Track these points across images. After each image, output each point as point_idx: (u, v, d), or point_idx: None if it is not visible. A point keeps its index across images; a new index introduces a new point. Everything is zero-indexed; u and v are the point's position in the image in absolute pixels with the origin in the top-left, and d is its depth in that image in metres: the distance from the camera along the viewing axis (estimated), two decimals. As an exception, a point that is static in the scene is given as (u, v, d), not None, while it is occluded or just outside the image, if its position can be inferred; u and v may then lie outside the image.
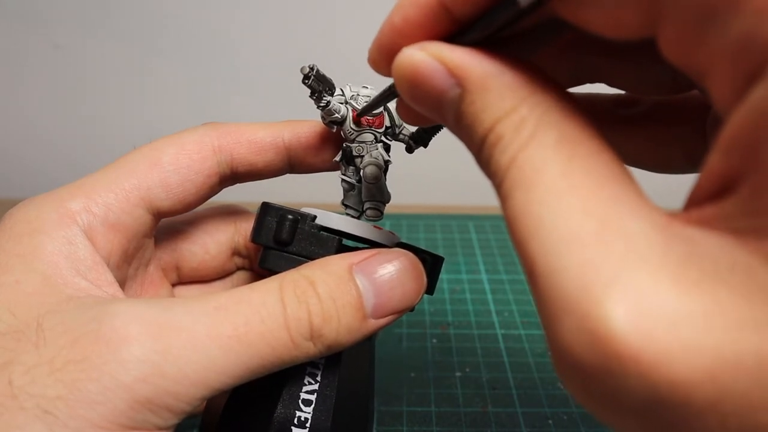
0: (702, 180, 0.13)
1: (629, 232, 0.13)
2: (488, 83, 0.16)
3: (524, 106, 0.15)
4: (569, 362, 0.13)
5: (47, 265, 0.21)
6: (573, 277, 0.13)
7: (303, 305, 0.21)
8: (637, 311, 0.12)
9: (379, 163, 0.27)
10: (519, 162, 0.15)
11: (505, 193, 0.15)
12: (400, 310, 0.24)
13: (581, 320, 0.12)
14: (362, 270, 0.23)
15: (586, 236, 0.13)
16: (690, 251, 0.12)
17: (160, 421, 0.19)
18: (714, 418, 0.11)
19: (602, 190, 0.14)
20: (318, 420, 0.24)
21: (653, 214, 0.13)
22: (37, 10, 0.64)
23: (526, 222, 0.14)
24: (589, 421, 0.35)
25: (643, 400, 0.12)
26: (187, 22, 0.64)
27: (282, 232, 0.25)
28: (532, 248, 0.14)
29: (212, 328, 0.20)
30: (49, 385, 0.18)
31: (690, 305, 0.12)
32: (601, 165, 0.14)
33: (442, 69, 0.16)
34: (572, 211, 0.13)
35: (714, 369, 0.11)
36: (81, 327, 0.19)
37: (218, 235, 0.30)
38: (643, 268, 0.12)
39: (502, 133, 0.15)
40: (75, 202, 0.23)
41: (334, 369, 0.25)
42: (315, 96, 0.25)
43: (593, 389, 0.13)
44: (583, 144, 0.15)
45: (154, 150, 0.26)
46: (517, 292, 0.49)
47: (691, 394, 0.11)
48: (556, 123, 0.15)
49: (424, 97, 0.17)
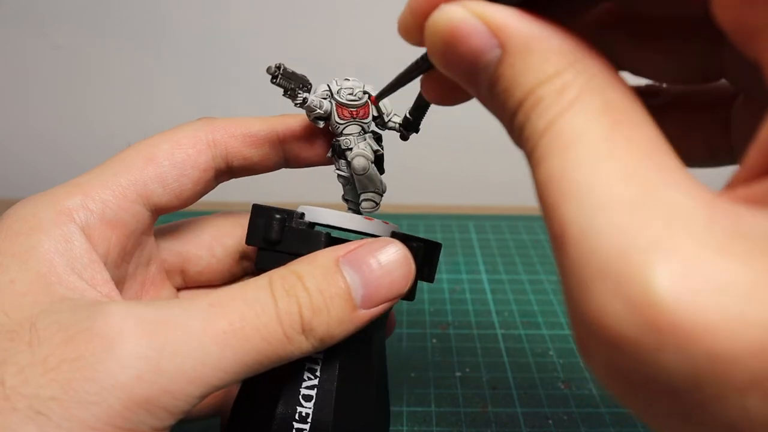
0: (751, 155, 0.12)
1: (674, 202, 0.12)
2: (532, 45, 0.15)
3: (569, 71, 0.14)
4: (598, 333, 0.12)
5: (42, 263, 0.21)
6: (611, 241, 0.12)
7: (293, 299, 0.21)
8: (680, 278, 0.11)
9: (366, 154, 0.27)
10: (559, 125, 0.14)
11: (539, 157, 0.14)
12: (390, 299, 0.23)
13: (617, 285, 0.11)
14: (348, 261, 0.23)
15: (627, 201, 0.12)
16: (737, 225, 0.11)
17: (156, 421, 0.19)
18: (756, 396, 0.10)
19: (647, 158, 0.13)
20: (319, 414, 0.25)
21: (698, 188, 0.12)
22: (37, 11, 0.64)
23: (560, 185, 0.13)
24: (590, 421, 0.35)
25: (678, 377, 0.11)
26: (187, 22, 0.64)
27: (271, 232, 0.25)
28: (566, 211, 0.13)
29: (208, 324, 0.20)
30: (43, 386, 0.18)
31: (737, 276, 0.11)
32: (645, 135, 0.14)
33: (483, 28, 0.15)
34: (614, 175, 0.13)
35: (763, 342, 0.10)
36: (75, 325, 0.19)
37: (225, 239, 0.30)
38: (689, 236, 0.11)
39: (543, 97, 0.14)
40: (72, 199, 0.23)
41: (334, 363, 0.25)
42: (288, 94, 0.25)
43: (622, 363, 0.12)
44: (629, 113, 0.14)
45: (149, 146, 0.26)
46: (517, 292, 0.49)
47: (733, 369, 0.10)
48: (602, 90, 0.14)
49: (458, 59, 0.16)
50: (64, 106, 0.69)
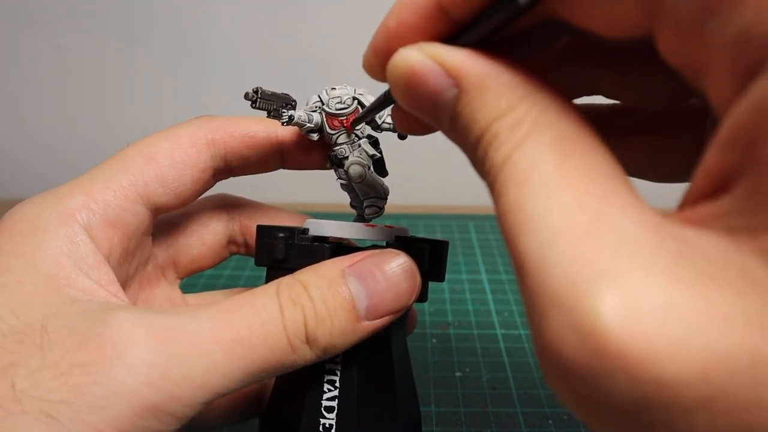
0: (697, 179, 0.13)
1: (621, 229, 0.13)
2: (485, 83, 0.16)
3: (521, 106, 0.15)
4: (554, 359, 0.12)
5: (49, 264, 0.21)
6: (562, 271, 0.12)
7: (298, 308, 0.21)
8: (625, 306, 0.11)
9: (362, 161, 0.27)
10: (514, 159, 0.14)
11: (499, 191, 0.15)
12: (394, 311, 0.23)
13: (568, 314, 0.12)
14: (354, 272, 0.23)
15: (577, 231, 0.13)
16: (682, 249, 0.12)
17: (162, 426, 0.19)
18: (702, 417, 0.11)
19: (596, 187, 0.13)
20: (342, 425, 0.25)
21: (646, 213, 0.13)
22: (37, 10, 0.64)
23: (517, 217, 0.14)
24: (590, 421, 0.35)
25: (628, 400, 0.11)
26: (188, 23, 0.64)
27: (275, 251, 0.25)
28: (523, 243, 0.13)
29: (216, 332, 0.20)
30: (54, 389, 0.18)
31: (681, 302, 0.11)
32: (595, 164, 0.14)
33: (438, 69, 0.16)
34: (564, 206, 0.13)
35: (705, 367, 0.11)
36: (86, 330, 0.19)
37: (213, 225, 0.30)
38: (634, 263, 0.12)
39: (498, 132, 0.15)
40: (74, 199, 0.23)
41: (353, 371, 0.25)
42: (272, 116, 0.25)
43: (577, 388, 0.12)
44: (579, 143, 0.14)
45: (148, 145, 0.26)
46: (517, 292, 0.49)
47: (680, 393, 0.11)
48: (553, 123, 0.15)
49: (419, 99, 0.17)
50: (64, 106, 0.69)
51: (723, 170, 0.12)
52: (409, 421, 0.27)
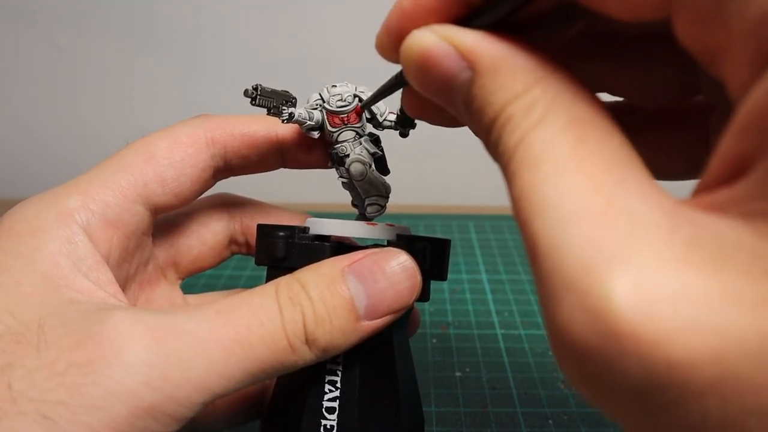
0: (712, 164, 0.13)
1: (635, 213, 0.13)
2: (500, 65, 0.15)
3: (536, 88, 0.15)
4: (567, 341, 0.12)
5: (48, 264, 0.21)
6: (575, 254, 0.12)
7: (297, 307, 0.21)
8: (638, 289, 0.11)
9: (363, 159, 0.27)
10: (528, 142, 0.14)
11: (512, 173, 0.15)
12: (394, 311, 0.23)
13: (581, 297, 0.12)
14: (353, 271, 0.23)
15: (591, 214, 0.13)
16: (696, 234, 0.12)
17: (159, 427, 0.19)
18: (713, 400, 0.11)
19: (610, 171, 0.13)
20: (344, 426, 0.24)
21: (661, 198, 0.13)
22: (37, 10, 0.64)
23: (531, 200, 0.14)
24: (590, 421, 0.35)
25: (640, 382, 0.11)
26: (188, 23, 0.64)
27: (276, 250, 0.25)
28: (536, 226, 0.13)
29: (214, 332, 0.20)
30: (50, 389, 0.18)
31: (693, 285, 0.11)
32: (610, 148, 0.14)
33: (452, 51, 0.16)
34: (579, 189, 0.13)
35: (717, 349, 0.11)
36: (83, 330, 0.19)
37: (213, 225, 0.30)
38: (647, 247, 0.12)
39: (513, 114, 0.15)
40: (73, 200, 0.23)
41: (354, 372, 0.25)
42: (272, 113, 0.25)
43: (589, 370, 0.12)
44: (594, 127, 0.14)
45: (147, 145, 0.25)
46: (517, 292, 0.49)
47: (691, 375, 0.11)
48: (568, 105, 0.15)
49: (433, 81, 0.17)
50: (64, 106, 0.69)
51: (739, 155, 0.12)
52: (412, 422, 0.27)
